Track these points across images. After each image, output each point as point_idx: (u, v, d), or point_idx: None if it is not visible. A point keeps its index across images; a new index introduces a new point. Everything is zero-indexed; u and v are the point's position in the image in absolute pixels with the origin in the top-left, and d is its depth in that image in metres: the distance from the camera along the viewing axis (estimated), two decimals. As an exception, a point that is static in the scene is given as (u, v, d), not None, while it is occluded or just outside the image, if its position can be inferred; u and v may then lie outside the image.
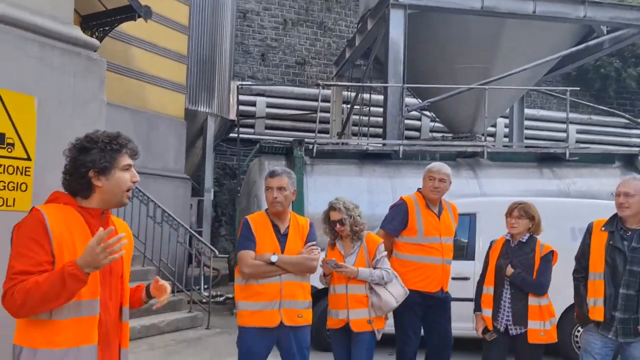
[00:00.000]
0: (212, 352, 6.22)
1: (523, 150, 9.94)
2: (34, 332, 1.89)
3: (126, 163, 2.09)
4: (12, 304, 1.83)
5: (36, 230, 1.90)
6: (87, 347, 1.93)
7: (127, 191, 2.10)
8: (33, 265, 1.86)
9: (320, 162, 8.96)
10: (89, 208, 2.05)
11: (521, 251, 3.79)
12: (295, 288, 3.28)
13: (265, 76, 16.33)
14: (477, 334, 3.88)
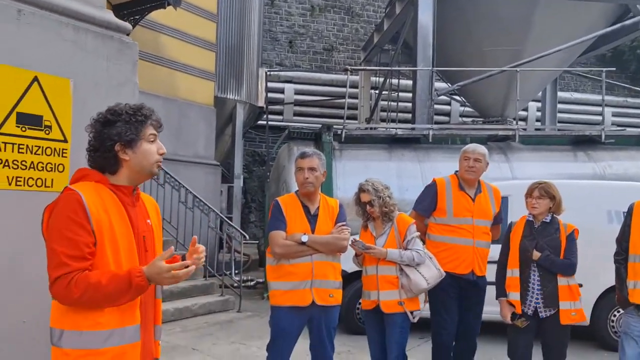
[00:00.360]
0: (243, 334, 6.31)
1: (556, 133, 9.72)
2: (76, 315, 1.86)
3: (151, 133, 2.03)
4: (68, 295, 1.79)
5: (75, 211, 1.83)
6: (132, 327, 1.93)
7: (156, 162, 2.04)
8: (81, 249, 1.82)
9: (348, 148, 8.95)
10: (120, 186, 2.00)
11: (546, 232, 3.71)
12: (326, 268, 3.31)
13: (293, 63, 16.34)
14: (505, 320, 3.76)
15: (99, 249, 1.86)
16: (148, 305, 2.03)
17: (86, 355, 1.84)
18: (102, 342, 1.85)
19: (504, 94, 11.33)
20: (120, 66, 2.88)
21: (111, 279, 1.81)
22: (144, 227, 2.05)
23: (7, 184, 2.42)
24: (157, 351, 2.13)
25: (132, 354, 1.92)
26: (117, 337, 1.88)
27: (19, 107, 2.46)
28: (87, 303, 1.82)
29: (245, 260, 10.30)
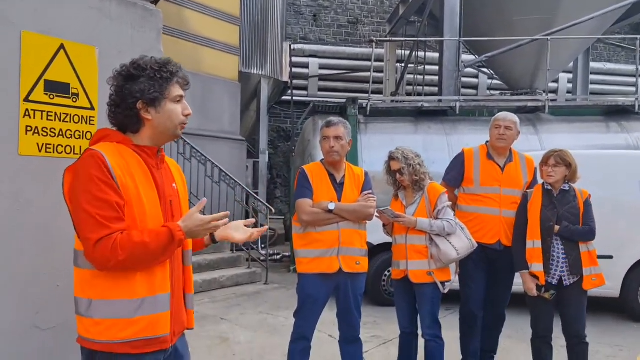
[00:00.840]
0: (271, 305, 6.39)
1: (588, 103, 9.44)
2: (106, 283, 1.78)
3: (177, 94, 1.91)
4: (112, 257, 1.70)
5: (101, 170, 1.73)
6: (163, 295, 1.85)
7: (181, 124, 1.93)
8: (116, 209, 1.73)
9: (374, 121, 8.88)
10: (144, 147, 1.89)
11: (565, 200, 3.62)
12: (352, 235, 3.30)
13: (317, 37, 16.18)
14: (531, 294, 3.65)
15: (127, 213, 1.77)
16: (176, 273, 1.95)
17: (118, 324, 1.78)
18: (133, 311, 1.79)
19: (533, 64, 11.03)
20: (145, 34, 2.88)
21: (154, 237, 1.75)
22: (170, 191, 1.96)
23: (37, 151, 2.46)
24: (190, 321, 2.06)
25: (164, 323, 1.85)
26: (148, 305, 1.81)
27: (46, 75, 2.48)
28: (131, 264, 1.75)
29: (272, 234, 10.40)
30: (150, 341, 1.83)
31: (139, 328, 1.79)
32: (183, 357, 2.04)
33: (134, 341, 1.80)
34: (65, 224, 2.53)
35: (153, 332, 1.82)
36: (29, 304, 2.42)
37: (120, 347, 1.79)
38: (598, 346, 5.02)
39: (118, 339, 1.78)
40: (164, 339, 1.87)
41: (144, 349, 1.82)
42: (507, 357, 4.64)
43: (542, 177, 3.70)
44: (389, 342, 4.99)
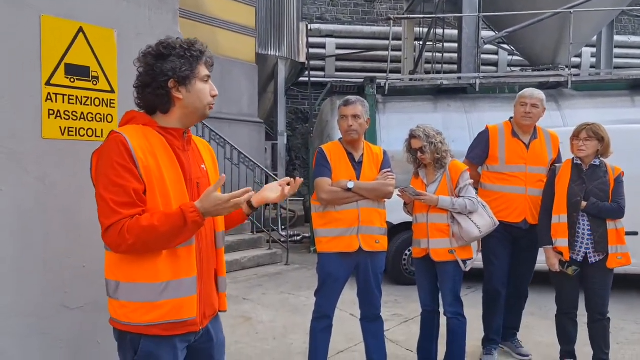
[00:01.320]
0: (292, 285, 6.45)
1: (612, 78, 9.22)
2: (131, 266, 1.80)
3: (205, 73, 1.90)
4: (121, 242, 1.72)
5: (122, 155, 1.73)
6: (188, 279, 1.84)
7: (209, 104, 1.93)
8: (130, 195, 1.73)
9: (392, 100, 8.81)
10: (169, 128, 1.88)
11: (595, 175, 3.54)
12: (372, 214, 3.29)
13: (334, 16, 16.02)
14: (553, 269, 3.64)
15: (148, 197, 1.77)
16: (205, 255, 1.93)
17: (142, 307, 1.79)
18: (158, 295, 1.79)
19: (555, 39, 10.79)
20: (162, 15, 2.88)
21: (164, 219, 1.72)
22: (197, 172, 1.94)
23: (60, 134, 2.49)
24: (222, 303, 2.05)
25: (189, 307, 1.84)
26: (172, 289, 1.80)
27: (66, 58, 2.49)
28: (142, 248, 1.74)
29: (292, 215, 10.45)
30: (177, 324, 1.84)
31: (164, 312, 1.80)
32: (215, 339, 2.04)
33: (161, 324, 1.81)
34: (90, 205, 2.58)
35: (178, 315, 1.83)
36: (58, 284, 2.47)
37: (149, 329, 1.81)
38: (623, 323, 4.98)
39: (144, 322, 1.80)
40: (192, 322, 1.87)
41: (172, 331, 1.84)
42: (529, 334, 4.63)
43: (572, 151, 3.62)
44: (410, 320, 5.02)
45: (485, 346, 4.08)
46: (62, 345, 2.50)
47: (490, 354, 4.01)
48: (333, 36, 15.28)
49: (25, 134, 2.36)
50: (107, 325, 2.65)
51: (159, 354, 1.83)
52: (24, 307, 2.37)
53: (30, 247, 2.38)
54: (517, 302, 4.23)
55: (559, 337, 3.81)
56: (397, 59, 13.28)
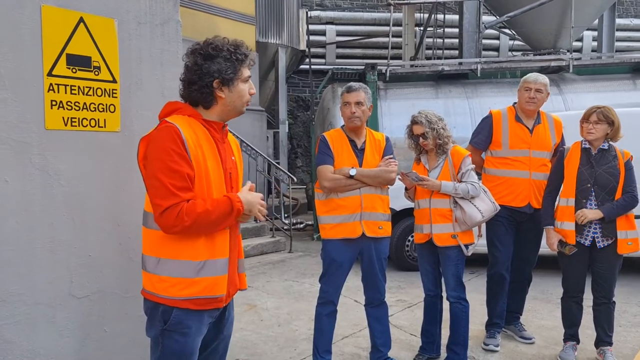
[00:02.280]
0: (296, 272, 6.49)
1: (614, 61, 9.17)
2: (173, 244, 1.94)
3: (247, 75, 2.05)
4: (178, 223, 1.85)
5: (176, 142, 1.88)
6: (222, 259, 2.01)
7: (246, 103, 2.08)
8: (186, 180, 1.88)
9: (394, 87, 8.79)
10: (212, 121, 2.03)
11: (604, 159, 3.53)
12: (375, 200, 3.31)
13: (334, 3, 15.92)
14: (551, 249, 3.66)
15: (196, 183, 1.93)
16: (233, 240, 2.10)
17: (181, 283, 1.95)
18: (196, 272, 1.95)
19: (557, 23, 10.71)
20: (162, 4, 2.87)
21: (216, 206, 1.91)
22: (230, 163, 2.10)
23: (63, 125, 2.49)
24: (242, 283, 2.23)
25: (221, 285, 2.02)
26: (209, 268, 1.97)
27: (68, 49, 2.49)
28: (195, 230, 1.91)
29: (294, 203, 10.47)
30: (209, 300, 2.00)
31: (200, 288, 1.96)
32: (229, 317, 2.24)
33: (195, 299, 1.97)
34: (95, 195, 2.60)
35: (212, 292, 1.99)
36: (64, 273, 2.50)
37: (183, 303, 1.96)
38: (626, 306, 5.01)
39: (181, 296, 1.95)
40: (220, 299, 2.05)
41: (203, 306, 2.00)
42: (532, 318, 4.66)
43: (581, 134, 3.61)
44: (414, 305, 5.05)
45: (489, 330, 4.11)
46: (69, 334, 2.53)
47: (494, 337, 4.04)
48: (333, 23, 15.20)
49: (28, 125, 2.37)
50: (113, 314, 2.69)
51: (187, 323, 1.99)
52: (30, 296, 2.39)
53: (36, 237, 2.40)
54: (521, 287, 4.25)
55: (563, 320, 3.83)
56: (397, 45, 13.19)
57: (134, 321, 2.73)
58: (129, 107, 2.76)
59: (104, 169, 2.65)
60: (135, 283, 2.74)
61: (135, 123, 2.77)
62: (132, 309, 2.73)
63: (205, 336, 2.11)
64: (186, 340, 1.99)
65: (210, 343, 2.17)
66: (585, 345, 3.87)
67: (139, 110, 2.79)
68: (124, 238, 2.72)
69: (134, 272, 2.73)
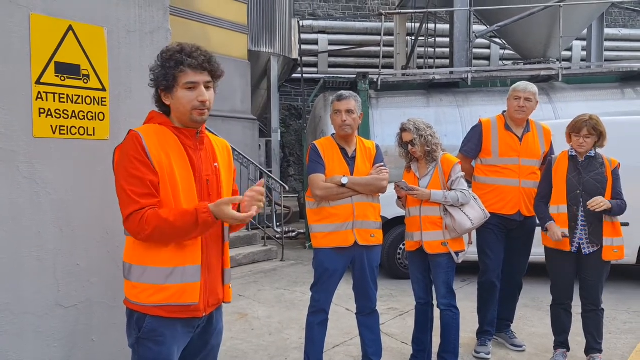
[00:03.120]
0: (287, 281, 6.46)
1: (602, 70, 9.27)
2: (143, 251, 1.96)
3: (187, 81, 1.95)
4: (140, 231, 1.87)
5: (137, 150, 1.91)
6: (192, 267, 1.98)
7: (194, 110, 1.98)
8: (147, 186, 1.89)
9: (385, 95, 8.83)
10: (182, 128, 2.02)
11: (591, 166, 3.58)
12: (366, 208, 3.30)
13: (326, 12, 16.00)
14: (559, 239, 3.58)
15: (161, 189, 1.93)
16: (211, 248, 2.06)
17: (149, 289, 1.95)
18: (164, 279, 1.95)
19: (546, 33, 10.82)
20: (152, 12, 2.87)
21: (179, 216, 1.88)
22: (208, 170, 2.06)
23: (51, 133, 2.48)
24: (227, 295, 2.18)
25: (192, 292, 1.98)
26: (177, 275, 1.95)
27: (56, 57, 2.49)
28: (158, 238, 1.90)
29: (286, 212, 10.45)
30: (181, 307, 1.98)
31: (168, 294, 1.95)
32: (216, 327, 2.19)
33: (165, 306, 1.96)
34: (83, 204, 2.59)
35: (181, 299, 1.96)
36: (51, 283, 2.48)
37: (153, 310, 1.96)
38: (615, 313, 5.02)
39: (151, 303, 1.95)
40: (194, 308, 2.00)
41: (175, 314, 1.98)
42: (523, 326, 4.67)
43: (568, 142, 3.66)
44: (405, 313, 5.04)
45: (480, 337, 4.11)
46: (56, 344, 2.51)
47: (485, 345, 4.03)
48: (325, 32, 15.27)
49: (16, 133, 2.36)
50: (101, 323, 2.67)
51: (161, 331, 1.97)
52: (18, 306, 2.37)
53: (24, 246, 2.38)
54: (512, 294, 4.26)
55: (553, 328, 3.84)
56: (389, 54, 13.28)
57: (122, 331, 2.69)
58: (118, 115, 2.76)
59: (92, 177, 2.64)
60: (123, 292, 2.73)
61: (125, 131, 2.72)
62: (120, 318, 2.69)
63: (192, 347, 2.10)
64: (160, 349, 1.97)
65: (197, 354, 2.15)
66: (576, 352, 3.88)
67: (128, 118, 2.78)
68: (112, 247, 2.70)
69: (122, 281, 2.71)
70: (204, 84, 2.00)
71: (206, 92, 2.00)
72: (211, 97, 2.04)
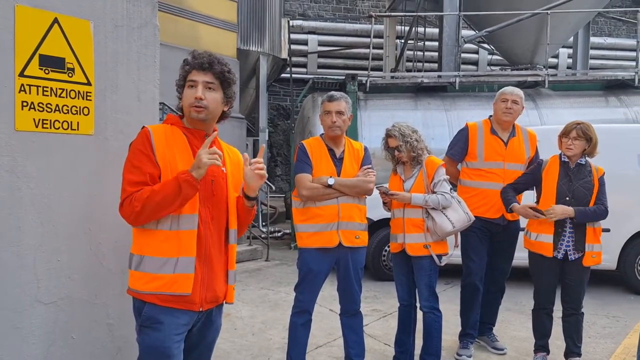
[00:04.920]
0: (272, 281, 6.45)
1: (587, 78, 9.38)
2: (142, 241, 2.09)
3: (190, 79, 2.14)
4: (131, 210, 2.01)
5: (144, 144, 2.07)
6: (186, 258, 2.07)
7: (191, 107, 2.13)
8: (144, 175, 2.04)
9: (373, 97, 8.85)
10: (192, 129, 2.17)
11: (581, 174, 3.62)
12: (352, 210, 3.30)
13: (316, 13, 16.01)
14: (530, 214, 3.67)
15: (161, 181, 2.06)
16: (212, 244, 2.15)
17: (144, 277, 2.08)
18: (157, 269, 2.06)
19: (533, 39, 10.94)
20: (140, 8, 2.84)
21: (162, 185, 2.02)
22: (214, 171, 2.16)
23: (34, 126, 2.44)
24: (229, 295, 2.27)
25: (184, 284, 2.07)
26: (170, 265, 2.06)
27: (41, 49, 2.45)
28: (149, 214, 2.02)
29: (272, 212, 10.43)
30: (174, 297, 2.07)
31: (161, 283, 2.06)
32: (214, 324, 2.29)
33: (159, 294, 2.07)
34: (65, 199, 2.55)
35: (173, 288, 2.06)
36: (31, 278, 2.44)
37: (148, 297, 2.08)
38: (595, 317, 5.08)
39: (146, 290, 2.08)
40: (189, 300, 2.09)
41: (169, 304, 2.07)
42: (505, 329, 4.70)
43: (559, 147, 3.70)
44: (389, 315, 5.05)
45: (462, 340, 4.13)
46: (34, 341, 2.46)
47: (467, 348, 4.05)
48: (315, 33, 15.28)
49: (-2, 125, 2.32)
50: (82, 320, 2.64)
51: (160, 318, 2.07)
52: (-4, 302, 2.33)
53: (3, 241, 2.34)
54: (494, 297, 4.29)
55: (534, 331, 3.88)
56: (378, 57, 13.32)
57: (103, 328, 2.68)
58: (103, 110, 2.72)
59: (75, 172, 2.60)
60: (105, 289, 2.70)
61: (110, 126, 2.73)
62: (101, 315, 2.68)
63: (190, 341, 2.19)
64: (158, 336, 2.06)
65: (194, 348, 2.24)
66: (555, 356, 3.91)
67: (113, 113, 2.75)
68: (95, 243, 2.66)
69: (104, 277, 2.69)
70: (204, 84, 2.13)
71: (203, 91, 2.12)
72: (212, 97, 2.14)
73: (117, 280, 2.70)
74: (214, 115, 2.20)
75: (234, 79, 2.23)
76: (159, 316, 2.07)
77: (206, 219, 2.14)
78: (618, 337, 4.61)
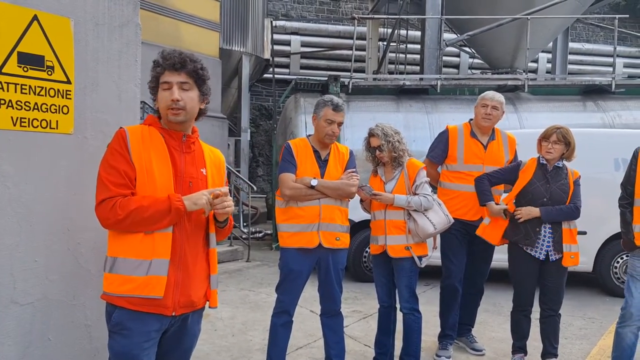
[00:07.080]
0: (252, 282, 6.43)
1: (566, 83, 9.55)
2: (117, 244, 2.04)
3: (163, 81, 2.09)
4: (112, 216, 1.96)
5: (120, 143, 2.04)
6: (159, 260, 2.03)
7: (168, 109, 2.08)
8: (122, 176, 2.00)
9: (356, 99, 8.88)
10: (170, 130, 2.13)
11: (558, 176, 3.70)
12: (333, 212, 3.31)
13: (299, 14, 16.00)
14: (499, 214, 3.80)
15: (137, 182, 2.02)
16: (188, 248, 2.09)
17: (117, 279, 2.03)
18: (131, 270, 2.01)
19: (514, 44, 11.09)
20: (122, 6, 2.81)
21: (152, 202, 1.98)
22: (192, 173, 2.14)
23: (11, 125, 2.40)
24: (212, 299, 2.21)
25: (156, 286, 2.02)
26: (144, 267, 2.01)
27: (19, 47, 2.41)
28: (130, 225, 1.98)
29: (254, 212, 10.40)
30: (146, 300, 2.02)
31: (134, 286, 2.00)
32: (190, 330, 2.21)
33: (130, 297, 2.01)
34: (44, 198, 2.51)
35: (145, 291, 2.01)
36: (7, 279, 2.39)
37: (119, 301, 2.03)
38: (571, 319, 5.16)
39: (117, 293, 2.03)
40: (161, 303, 2.03)
41: (140, 307, 2.02)
42: (484, 330, 4.75)
43: (539, 151, 3.76)
44: (369, 316, 5.07)
45: (441, 341, 4.17)
46: (10, 342, 2.42)
47: (446, 349, 4.09)
48: (298, 34, 15.28)
49: (-25, 123, 2.28)
50: (59, 322, 2.60)
51: (127, 325, 2.02)
52: (-29, 303, 2.29)
53: (-21, 241, 2.30)
54: (473, 298, 4.33)
55: (512, 333, 3.92)
56: (361, 59, 13.38)
57: (80, 330, 2.65)
58: (83, 109, 2.69)
59: (54, 171, 2.56)
60: (83, 290, 2.66)
61: (90, 125, 2.70)
62: (79, 317, 2.64)
63: (164, 347, 2.14)
64: (125, 342, 2.02)
65: (169, 355, 2.19)
66: (533, 357, 3.97)
67: (93, 112, 2.71)
68: (73, 243, 2.63)
69: (82, 278, 2.65)
70: (179, 84, 2.08)
71: (179, 92, 2.07)
72: (188, 97, 2.10)
73: (95, 282, 2.66)
74: (191, 115, 2.17)
75: (207, 74, 2.18)
76: (127, 322, 2.02)
77: (182, 222, 2.08)
78: (594, 338, 4.69)
